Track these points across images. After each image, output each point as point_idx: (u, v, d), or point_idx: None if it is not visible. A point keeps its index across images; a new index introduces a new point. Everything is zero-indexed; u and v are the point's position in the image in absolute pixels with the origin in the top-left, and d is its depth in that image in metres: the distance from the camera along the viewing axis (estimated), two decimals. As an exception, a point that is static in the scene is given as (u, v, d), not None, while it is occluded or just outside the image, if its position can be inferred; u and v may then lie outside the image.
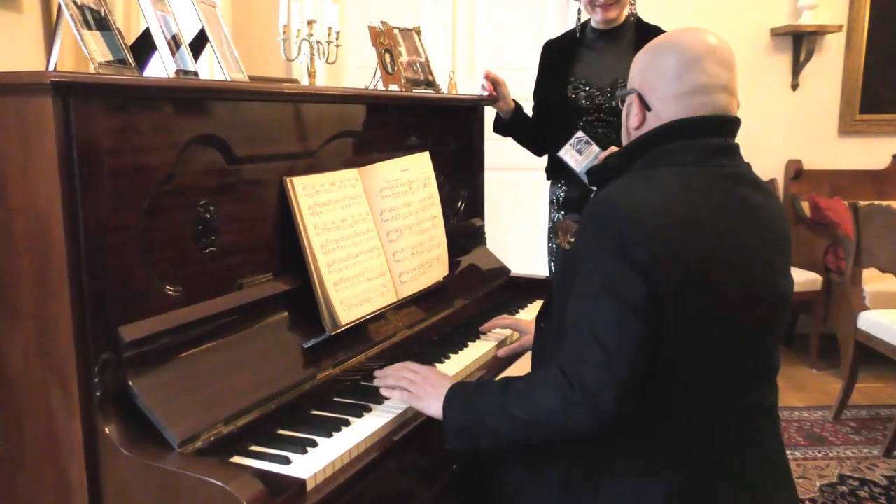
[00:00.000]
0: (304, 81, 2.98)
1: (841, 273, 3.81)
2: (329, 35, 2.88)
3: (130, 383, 1.12)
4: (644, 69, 1.34)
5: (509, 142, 2.59)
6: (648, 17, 2.42)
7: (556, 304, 1.42)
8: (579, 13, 2.33)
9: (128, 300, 1.14)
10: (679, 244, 1.17)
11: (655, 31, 2.32)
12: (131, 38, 1.39)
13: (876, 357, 3.18)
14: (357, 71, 3.94)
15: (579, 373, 1.16)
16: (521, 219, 4.13)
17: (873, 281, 3.44)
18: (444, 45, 4.16)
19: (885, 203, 3.55)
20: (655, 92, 1.31)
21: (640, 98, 1.32)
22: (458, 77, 2.41)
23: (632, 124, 1.35)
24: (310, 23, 2.86)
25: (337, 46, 2.97)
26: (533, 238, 4.23)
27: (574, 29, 2.37)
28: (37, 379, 1.11)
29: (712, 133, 1.27)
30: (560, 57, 2.35)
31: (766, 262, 1.26)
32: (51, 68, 1.26)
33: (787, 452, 1.38)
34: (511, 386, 1.27)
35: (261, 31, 3.74)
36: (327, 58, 2.94)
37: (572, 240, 1.34)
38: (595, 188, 1.46)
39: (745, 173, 1.30)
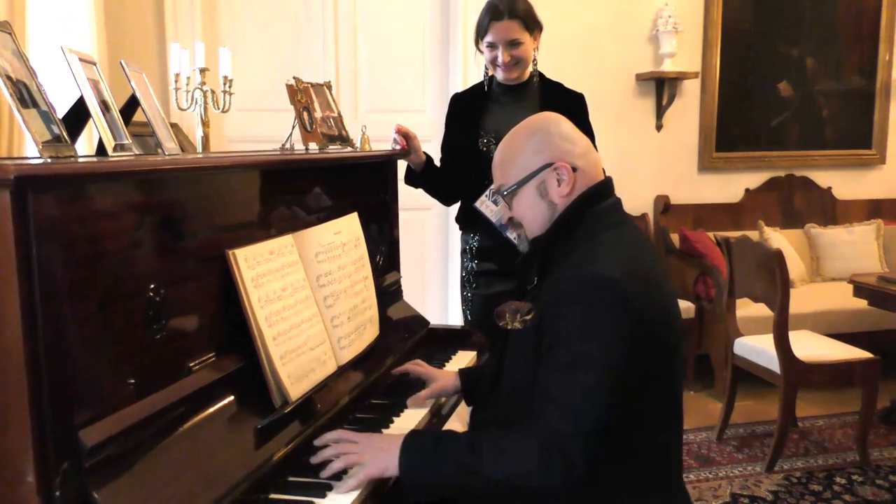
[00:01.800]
0: (197, 130, 2.87)
1: (711, 301, 4.10)
2: (225, 84, 2.80)
3: (95, 495, 1.02)
4: (543, 145, 1.40)
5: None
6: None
7: (509, 378, 1.46)
8: (486, 68, 2.40)
9: (87, 401, 1.05)
10: (647, 298, 1.28)
11: (558, 87, 2.42)
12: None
13: (747, 377, 3.45)
14: (238, 115, 3.83)
15: (559, 443, 1.20)
16: (412, 258, 4.15)
17: (741, 307, 3.72)
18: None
19: (742, 233, 3.88)
20: (570, 152, 1.39)
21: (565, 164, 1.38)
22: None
23: (562, 192, 1.39)
24: (202, 71, 2.77)
25: (230, 94, 2.89)
26: (421, 277, 4.26)
27: (482, 82, 2.44)
28: (-15, 499, 1.00)
29: (612, 191, 1.43)
30: (469, 110, 2.41)
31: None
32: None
33: (683, 475, 1.54)
34: (479, 446, 1.28)
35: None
36: (222, 107, 2.86)
37: (528, 317, 1.35)
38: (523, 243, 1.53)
39: None
